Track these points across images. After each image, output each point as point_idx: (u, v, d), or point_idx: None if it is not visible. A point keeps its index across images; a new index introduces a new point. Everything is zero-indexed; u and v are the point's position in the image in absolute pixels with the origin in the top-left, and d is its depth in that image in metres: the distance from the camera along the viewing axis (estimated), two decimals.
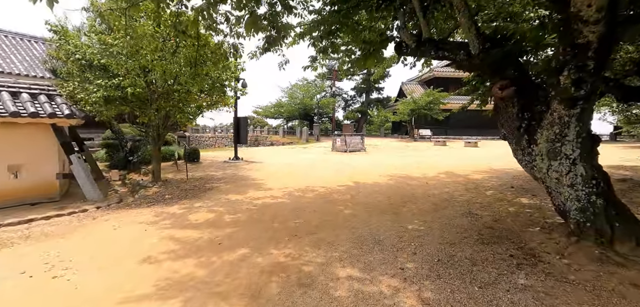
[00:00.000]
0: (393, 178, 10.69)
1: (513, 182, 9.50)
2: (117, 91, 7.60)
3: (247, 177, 11.26)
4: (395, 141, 32.25)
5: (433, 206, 7.16)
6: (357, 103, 47.76)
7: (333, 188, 9.23)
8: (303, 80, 42.81)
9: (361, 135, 22.46)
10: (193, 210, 7.16)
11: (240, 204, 7.57)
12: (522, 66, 4.79)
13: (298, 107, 40.49)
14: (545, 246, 4.74)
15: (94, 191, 8.95)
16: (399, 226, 5.87)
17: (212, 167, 13.54)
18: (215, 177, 11.47)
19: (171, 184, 10.39)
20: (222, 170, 12.93)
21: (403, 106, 33.18)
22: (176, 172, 12.62)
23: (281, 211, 6.93)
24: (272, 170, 12.82)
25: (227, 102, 10.96)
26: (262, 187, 9.62)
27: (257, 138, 38.73)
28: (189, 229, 5.80)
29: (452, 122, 39.18)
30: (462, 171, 11.96)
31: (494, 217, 6.23)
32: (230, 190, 9.29)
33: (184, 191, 9.38)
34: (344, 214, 6.71)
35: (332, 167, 13.51)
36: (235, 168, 13.29)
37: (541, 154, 4.52)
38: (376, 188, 9.16)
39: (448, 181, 9.98)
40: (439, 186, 9.25)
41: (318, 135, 35.39)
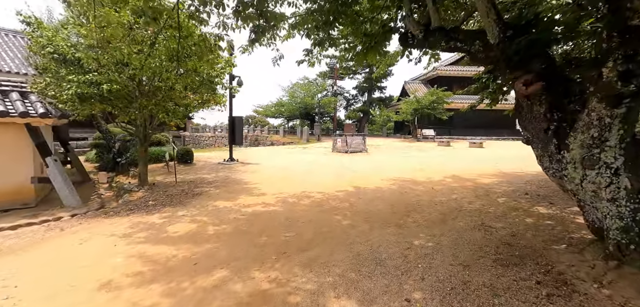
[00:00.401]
0: (396, 183, 9.96)
1: (526, 188, 8.75)
2: (92, 88, 6.91)
3: (239, 181, 10.56)
4: (398, 141, 31.50)
5: (441, 216, 6.43)
6: (359, 102, 47.01)
7: (331, 194, 8.51)
8: (304, 79, 42.15)
9: (363, 136, 21.73)
10: (174, 219, 6.47)
11: (228, 213, 6.86)
12: (551, 58, 4.05)
13: (299, 106, 39.77)
14: (577, 269, 4.01)
15: (72, 197, 8.27)
16: (404, 241, 5.15)
17: (204, 169, 12.85)
18: (206, 180, 10.78)
19: (158, 188, 9.70)
20: (214, 172, 12.24)
21: (406, 106, 32.41)
22: (166, 175, 11.94)
23: (272, 222, 6.22)
24: (267, 173, 12.12)
25: (219, 100, 10.26)
26: (254, 192, 8.92)
27: (257, 138, 38.07)
28: (164, 244, 5.10)
29: (455, 122, 38.46)
30: (470, 175, 11.21)
31: (511, 230, 5.49)
32: (220, 195, 8.59)
33: (169, 196, 8.69)
34: (341, 225, 5.99)
35: (331, 169, 12.80)
36: (229, 170, 12.60)
37: (574, 162, 3.80)
38: (378, 194, 8.43)
39: (455, 186, 9.24)
40: (446, 192, 8.52)
41: (319, 135, 34.67)
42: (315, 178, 10.91)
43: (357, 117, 44.89)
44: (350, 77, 46.74)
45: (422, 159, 16.46)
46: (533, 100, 4.02)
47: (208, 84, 8.43)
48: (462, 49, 4.83)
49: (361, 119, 44.82)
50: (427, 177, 10.75)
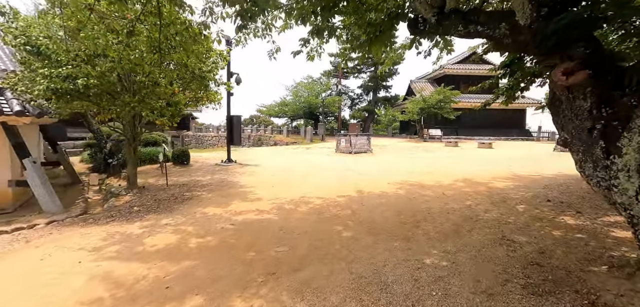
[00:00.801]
0: (403, 187, 9.22)
1: (547, 194, 7.97)
2: (67, 83, 6.27)
3: (235, 184, 9.89)
4: (404, 141, 30.68)
5: (455, 227, 5.69)
6: (364, 102, 46.23)
7: (332, 199, 7.79)
8: (308, 78, 41.49)
9: (367, 136, 20.98)
10: (156, 229, 5.80)
11: (216, 222, 6.18)
12: (598, 41, 3.30)
13: (303, 106, 39.09)
14: (630, 301, 3.26)
15: (52, 202, 7.65)
16: (414, 258, 4.42)
17: (200, 171, 12.21)
18: (200, 183, 10.12)
19: (147, 192, 9.07)
20: (210, 174, 11.59)
21: (412, 105, 31.57)
22: (160, 176, 11.31)
23: (263, 233, 5.52)
24: (265, 175, 11.44)
25: (214, 98, 9.59)
26: (249, 197, 8.24)
27: (260, 138, 37.50)
28: (137, 261, 4.43)
29: (463, 122, 37.58)
30: (482, 178, 10.43)
31: (538, 246, 4.74)
32: (211, 201, 7.92)
33: (158, 201, 8.04)
34: (341, 237, 5.28)
35: (334, 171, 12.08)
36: (226, 172, 11.94)
37: (627, 170, 3.05)
38: (383, 200, 7.70)
39: (468, 191, 8.47)
40: (458, 198, 7.76)
41: (323, 135, 33.97)
42: (316, 181, 10.21)
43: (362, 117, 44.14)
44: (355, 76, 46.01)
45: (429, 160, 15.68)
46: (575, 93, 3.28)
47: (199, 79, 7.76)
48: (483, 33, 4.08)
49: (366, 119, 44.05)
50: (436, 181, 9.99)
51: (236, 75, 13.70)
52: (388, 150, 21.75)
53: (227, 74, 13.41)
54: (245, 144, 38.68)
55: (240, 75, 13.78)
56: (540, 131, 35.91)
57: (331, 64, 43.86)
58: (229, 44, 13.11)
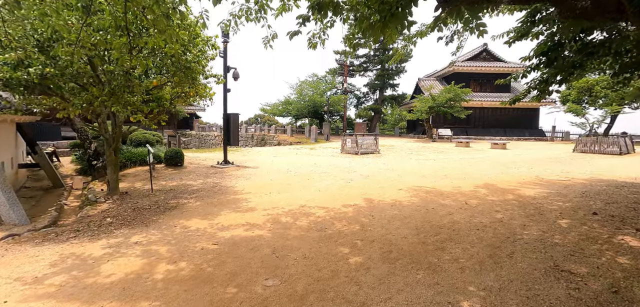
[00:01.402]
0: (418, 194, 8.09)
1: (590, 204, 6.80)
2: (19, 72, 5.24)
3: (228, 190, 8.83)
4: (412, 141, 29.47)
5: (490, 250, 4.56)
6: (370, 100, 45.05)
7: (337, 210, 6.70)
8: (313, 76, 40.40)
9: (374, 136, 19.85)
10: (121, 250, 4.75)
11: (197, 240, 5.12)
12: None
13: (307, 104, 38.04)
14: None
15: (13, 212, 6.65)
16: (446, 301, 3.31)
17: (193, 174, 11.18)
18: (190, 188, 9.08)
19: (129, 199, 8.05)
20: (203, 178, 10.55)
21: (421, 103, 30.34)
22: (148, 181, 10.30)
23: (251, 257, 4.45)
24: (263, 179, 10.37)
25: (203, 93, 8.54)
26: (241, 206, 7.17)
27: (263, 137, 36.52)
28: (78, 301, 3.37)
29: (473, 121, 36.28)
30: (506, 183, 9.27)
31: (607, 281, 3.60)
32: (197, 211, 6.86)
33: (137, 210, 7.00)
34: (348, 265, 4.18)
35: (339, 175, 10.98)
36: (221, 175, 10.90)
37: None
38: (397, 211, 6.58)
39: (494, 200, 7.32)
40: (485, 209, 6.62)
41: (328, 135, 32.88)
42: (319, 186, 9.11)
43: (369, 116, 42.96)
44: (361, 75, 44.86)
45: (442, 162, 14.50)
46: None
47: (184, 70, 6.72)
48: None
49: (372, 118, 42.87)
50: (454, 187, 8.85)
51: (234, 70, 12.66)
52: (396, 151, 20.59)
53: (224, 69, 12.38)
54: (249, 143, 37.74)
55: (237, 70, 12.73)
56: (554, 131, 34.48)
57: (337, 61, 42.73)
58: (225, 36, 12.08)
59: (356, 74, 44.51)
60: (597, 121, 31.95)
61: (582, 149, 20.15)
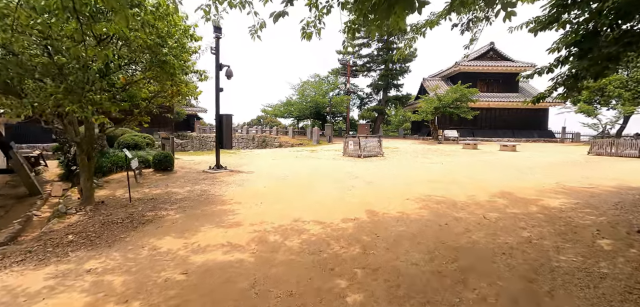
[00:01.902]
0: (427, 204, 7.16)
1: (629, 219, 5.84)
2: None
3: (215, 199, 7.95)
4: (417, 143, 28.48)
5: (523, 284, 3.64)
6: (374, 101, 44.09)
7: (335, 225, 5.79)
8: (315, 76, 39.49)
9: (378, 138, 18.91)
10: (67, 281, 3.88)
11: (163, 267, 4.23)
12: None
13: (309, 105, 37.14)
14: None
15: None
16: None
17: (181, 180, 10.32)
18: (174, 197, 8.21)
19: (104, 209, 7.20)
20: (191, 185, 9.68)
21: (426, 104, 29.32)
22: (134, 186, 9.45)
23: (224, 294, 3.55)
24: (257, 186, 9.48)
25: (186, 91, 7.68)
26: (226, 220, 6.28)
27: (264, 139, 35.70)
28: None
29: (479, 122, 35.19)
30: (525, 192, 8.31)
31: None
32: (174, 226, 5.98)
33: (106, 224, 6.14)
34: (346, 305, 3.28)
35: (339, 181, 10.06)
36: (211, 182, 10.02)
37: None
38: (404, 227, 5.66)
39: (517, 214, 6.37)
40: (507, 225, 5.68)
41: (330, 136, 31.98)
42: (317, 196, 8.21)
43: (372, 117, 41.99)
44: (364, 75, 43.91)
45: (451, 166, 13.54)
46: None
47: (160, 64, 5.85)
48: None
49: (376, 119, 41.90)
50: (468, 196, 7.91)
51: (226, 67, 11.79)
52: (401, 153, 19.64)
53: (216, 66, 11.51)
54: (250, 145, 36.92)
55: (231, 68, 11.86)
56: (564, 132, 33.35)
57: (339, 61, 41.86)
58: (216, 31, 11.24)
59: (359, 74, 43.59)
60: (610, 122, 30.79)
61: (597, 151, 19.09)
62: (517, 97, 34.94)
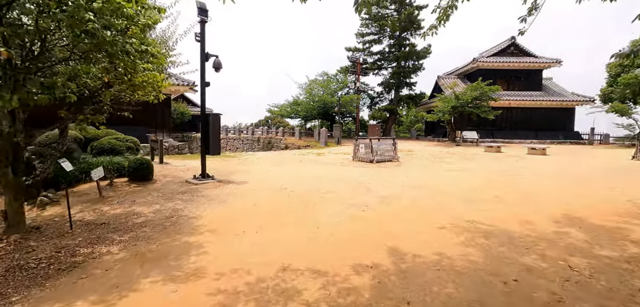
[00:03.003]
0: (473, 237, 5.11)
1: None
2: None
3: (183, 226, 6.02)
4: (433, 145, 26.28)
5: None
6: (385, 101, 41.83)
7: (342, 281, 3.80)
8: (323, 75, 37.46)
9: (392, 140, 16.83)
10: None
11: None
12: None
13: (317, 105, 35.16)
14: None
15: None
16: None
17: (155, 194, 8.43)
18: (133, 221, 6.30)
19: (33, 240, 5.34)
20: (164, 201, 7.77)
21: (443, 103, 27.10)
22: (101, 202, 7.61)
23: None
24: (245, 204, 7.54)
25: (148, 81, 5.79)
26: (184, 266, 4.33)
27: (270, 140, 33.90)
28: None
29: (499, 123, 32.70)
30: (596, 213, 6.19)
31: None
32: (105, 277, 4.07)
33: (12, 271, 4.26)
34: None
35: (349, 196, 8.07)
36: (190, 197, 8.11)
37: None
38: (451, 288, 3.64)
39: (613, 258, 4.29)
40: (612, 281, 3.61)
41: (339, 138, 29.96)
42: (320, 218, 6.23)
43: (383, 117, 39.79)
44: (374, 74, 41.73)
45: (479, 174, 11.40)
46: None
47: (109, 46, 3.99)
48: None
49: (387, 120, 39.70)
50: (522, 221, 5.83)
51: (214, 58, 9.89)
52: (417, 157, 17.52)
53: (201, 56, 9.61)
54: (254, 147, 35.14)
55: (219, 59, 9.96)
56: (593, 133, 30.73)
57: (349, 59, 39.81)
58: (202, 14, 9.37)
59: (370, 73, 41.44)
60: None
61: None
62: (540, 96, 32.40)
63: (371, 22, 37.68)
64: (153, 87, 6.04)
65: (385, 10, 37.39)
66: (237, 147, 37.26)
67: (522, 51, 33.40)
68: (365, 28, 38.60)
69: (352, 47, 39.58)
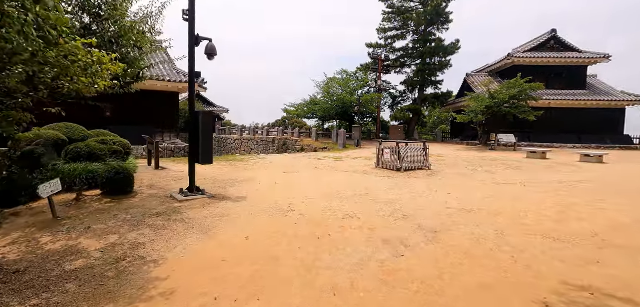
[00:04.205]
0: None
1: None
2: None
3: (135, 279, 3.98)
4: (463, 150, 23.62)
5: None
6: (408, 100, 39.13)
7: None
8: (342, 73, 35.18)
9: (422, 144, 14.44)
10: None
11: None
12: None
13: (335, 104, 32.97)
14: None
15: None
16: None
17: (121, 217, 6.46)
18: (64, 270, 4.31)
19: None
20: (127, 228, 5.78)
21: (475, 102, 24.37)
22: (36, 230, 5.72)
23: None
24: (231, 237, 5.46)
25: (84, 60, 3.83)
26: None
27: (285, 141, 31.94)
28: None
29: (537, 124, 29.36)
30: None
31: None
32: None
33: None
34: None
35: (377, 229, 5.87)
36: (163, 223, 6.09)
37: None
38: None
39: None
40: None
41: (359, 140, 27.64)
42: (336, 277, 4.07)
43: (406, 118, 37.13)
44: (396, 72, 39.08)
45: (542, 190, 8.93)
46: None
47: None
48: None
49: (410, 120, 37.03)
50: None
51: (207, 41, 7.88)
52: (450, 164, 15.07)
53: (190, 39, 7.59)
54: (269, 149, 33.23)
55: (213, 43, 7.94)
56: None
57: (370, 55, 37.36)
58: None
59: (392, 71, 38.84)
60: None
61: None
62: (585, 96, 29.08)
63: (394, 15, 35.12)
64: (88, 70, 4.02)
65: (409, 3, 34.74)
66: (251, 149, 35.49)
67: (564, 45, 30.16)
68: (387, 22, 36.07)
69: (373, 43, 37.13)
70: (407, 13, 34.18)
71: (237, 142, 37.30)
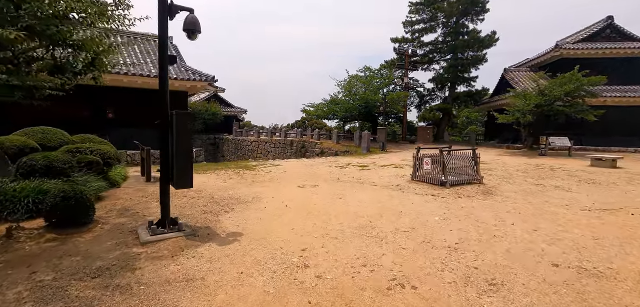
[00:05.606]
0: None
1: None
2: None
3: None
4: (508, 155, 20.51)
5: None
6: (437, 99, 35.99)
7: None
8: (365, 70, 32.47)
9: (472, 151, 11.64)
10: None
11: None
12: None
13: (358, 104, 30.35)
14: None
15: None
16: None
17: (43, 271, 4.20)
18: None
19: None
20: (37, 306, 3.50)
21: (520, 100, 21.19)
22: None
23: None
24: None
25: None
26: None
27: (304, 144, 29.62)
28: None
29: (588, 126, 25.65)
30: None
31: None
32: None
33: None
34: None
35: None
36: (94, 295, 3.77)
37: None
38: None
39: None
40: None
41: (384, 143, 24.93)
42: None
43: (436, 119, 34.03)
44: (424, 69, 36.04)
45: None
46: None
47: None
48: None
49: (440, 121, 33.91)
50: None
51: (187, 14, 5.53)
52: (501, 176, 12.21)
53: (160, 5, 5.27)
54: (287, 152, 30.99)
55: (195, 16, 5.58)
56: None
57: (395, 51, 34.51)
58: None
59: (419, 67, 35.80)
60: None
61: None
62: None
63: (423, 7, 32.13)
64: None
65: None
66: (268, 152, 33.38)
67: (623, 34, 26.36)
68: (415, 15, 33.11)
69: (399, 37, 34.27)
70: (437, 3, 31.14)
71: (254, 144, 35.34)
